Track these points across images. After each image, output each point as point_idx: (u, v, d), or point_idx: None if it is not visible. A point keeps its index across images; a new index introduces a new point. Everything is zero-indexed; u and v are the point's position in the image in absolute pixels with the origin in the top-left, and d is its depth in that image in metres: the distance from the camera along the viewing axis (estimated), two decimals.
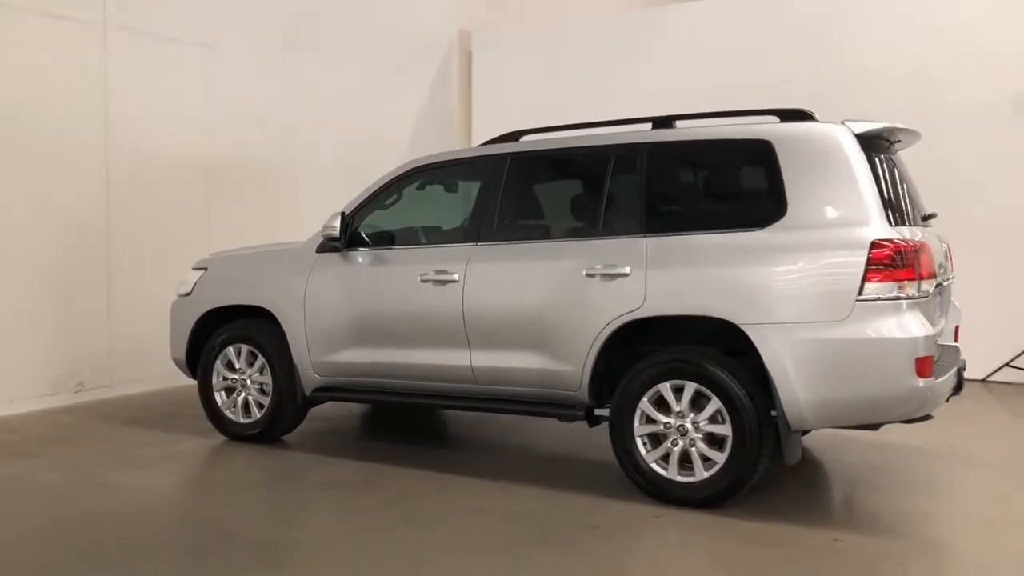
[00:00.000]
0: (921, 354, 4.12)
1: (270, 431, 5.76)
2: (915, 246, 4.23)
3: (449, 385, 5.20)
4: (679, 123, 4.93)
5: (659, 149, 4.80)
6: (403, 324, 5.27)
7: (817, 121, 4.60)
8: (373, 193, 5.54)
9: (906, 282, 4.17)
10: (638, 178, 4.77)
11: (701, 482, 4.47)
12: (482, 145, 5.44)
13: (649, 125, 4.96)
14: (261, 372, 5.76)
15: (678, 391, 4.52)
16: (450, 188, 5.72)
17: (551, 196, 5.37)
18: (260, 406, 5.79)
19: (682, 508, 4.47)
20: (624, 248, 4.67)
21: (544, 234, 5.21)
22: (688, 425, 4.49)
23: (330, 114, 9.32)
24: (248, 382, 5.82)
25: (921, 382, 4.12)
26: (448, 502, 4.63)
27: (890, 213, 4.33)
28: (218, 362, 5.90)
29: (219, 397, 5.93)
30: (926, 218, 4.95)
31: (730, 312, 4.35)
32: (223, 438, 5.90)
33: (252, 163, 8.52)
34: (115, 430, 6.24)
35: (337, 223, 5.36)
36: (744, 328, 4.31)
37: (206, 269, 6.07)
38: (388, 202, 5.56)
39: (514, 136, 5.36)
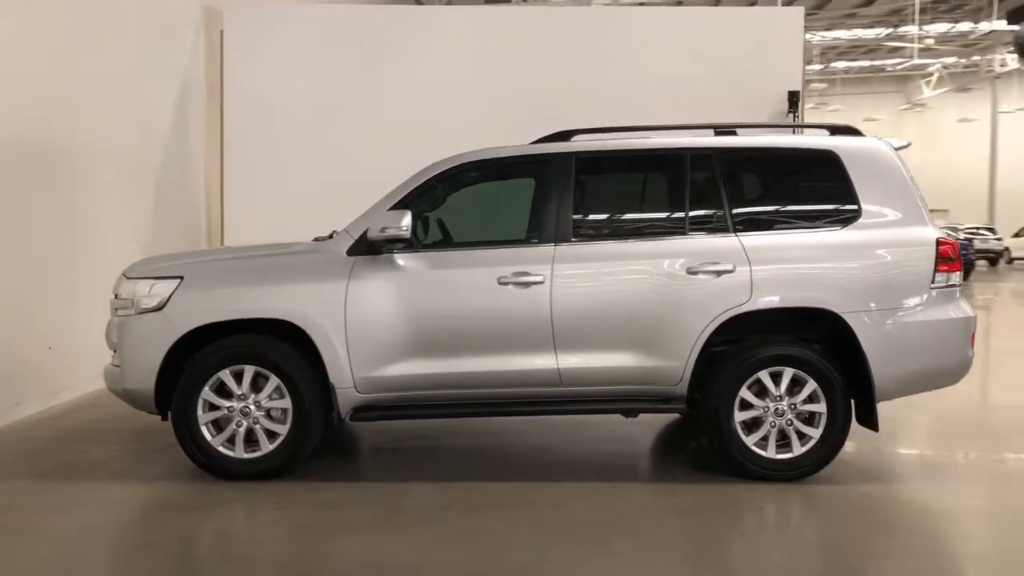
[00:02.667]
0: (974, 329, 5.10)
1: (291, 463, 4.96)
2: (957, 243, 5.19)
3: (529, 390, 5.02)
4: (740, 131, 5.34)
5: (734, 154, 5.18)
6: (478, 330, 4.94)
7: (864, 136, 5.34)
8: (416, 189, 5.07)
9: (956, 272, 5.11)
10: (719, 180, 5.10)
11: (798, 457, 4.98)
12: (534, 143, 5.28)
13: (711, 132, 5.30)
14: (272, 396, 4.92)
15: (775, 377, 4.97)
16: (502, 187, 5.42)
17: (628, 196, 5.42)
18: (272, 436, 4.94)
19: (783, 483, 4.93)
20: (722, 246, 4.97)
21: (631, 233, 5.25)
22: (784, 406, 4.96)
23: (100, 97, 7.83)
24: (252, 409, 4.92)
25: (971, 352, 5.11)
26: (605, 507, 4.57)
27: None
28: (206, 389, 4.90)
29: (206, 432, 4.92)
30: None
31: (833, 303, 4.92)
32: (208, 477, 4.92)
33: (25, 145, 6.85)
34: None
35: (406, 222, 4.81)
36: (844, 316, 4.91)
37: (182, 277, 4.96)
38: (434, 201, 5.12)
39: (567, 135, 5.30)
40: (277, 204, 9.56)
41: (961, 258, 5.17)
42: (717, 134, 5.32)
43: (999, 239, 34.48)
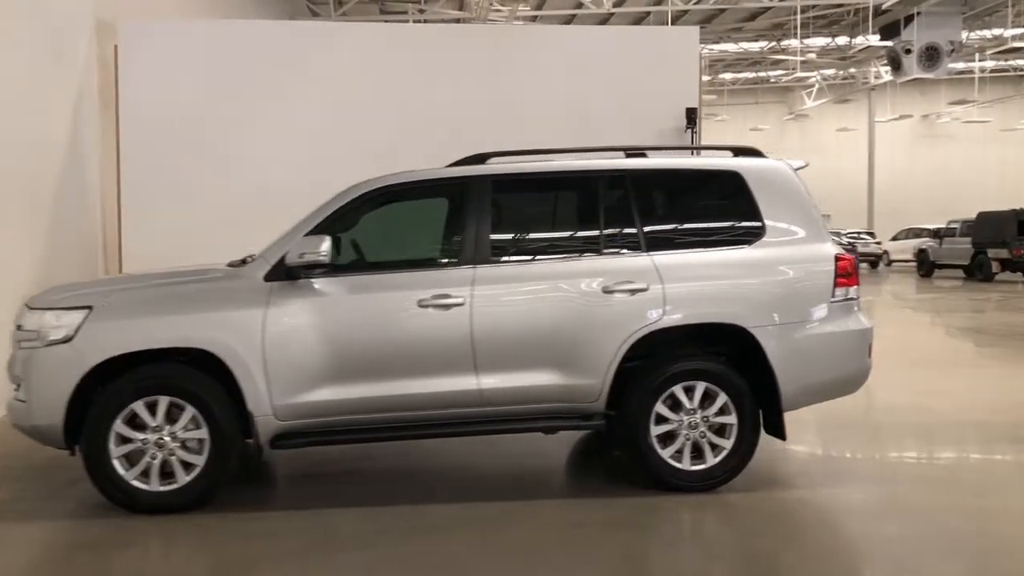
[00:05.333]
0: (871, 340, 5.39)
1: (208, 494, 4.86)
2: (855, 259, 5.48)
3: (451, 411, 5.05)
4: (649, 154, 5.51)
5: (646, 175, 5.34)
6: (399, 354, 4.95)
7: (765, 156, 5.58)
8: (334, 213, 5.05)
9: (854, 287, 5.39)
10: (632, 201, 5.25)
11: (712, 467, 5.16)
12: (450, 166, 5.32)
13: (622, 154, 5.45)
14: (187, 427, 4.81)
15: (688, 391, 5.14)
16: (422, 209, 5.43)
17: (545, 217, 5.51)
18: (188, 467, 4.83)
19: (705, 494, 5.10)
20: (636, 265, 5.12)
21: (549, 254, 5.32)
22: (698, 420, 5.14)
23: None
24: (167, 441, 4.81)
25: (868, 361, 5.39)
26: (544, 525, 4.64)
27: None
28: (118, 421, 4.76)
29: (119, 466, 4.78)
30: None
31: (741, 318, 5.12)
32: (116, 513, 4.78)
33: None
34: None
35: (325, 247, 4.79)
36: (752, 331, 5.12)
37: (90, 308, 4.81)
38: (350, 225, 5.11)
39: (482, 158, 5.36)
40: (176, 224, 9.34)
41: (857, 273, 5.45)
42: (628, 156, 5.47)
43: (878, 243, 36.18)
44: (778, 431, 5.29)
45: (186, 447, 4.84)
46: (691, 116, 9.84)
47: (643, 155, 5.50)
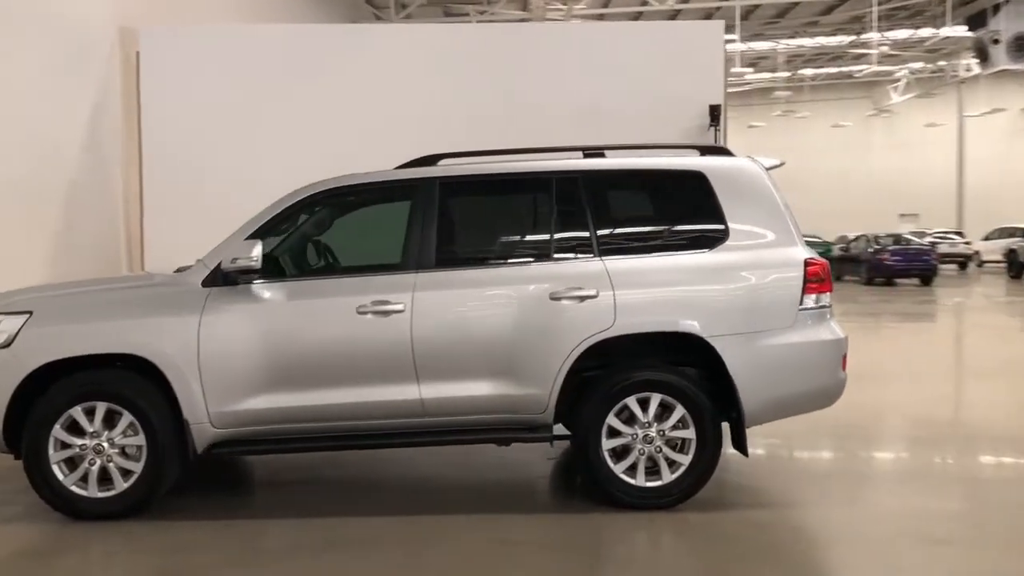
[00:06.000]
0: (845, 351, 5.02)
1: (145, 501, 4.82)
2: (827, 263, 5.12)
3: (393, 421, 4.90)
4: (608, 153, 5.26)
5: (600, 176, 5.09)
6: (336, 362, 4.83)
7: (734, 156, 5.27)
8: (274, 218, 4.97)
9: (826, 293, 5.03)
10: (586, 204, 5.01)
11: (668, 484, 4.88)
12: (400, 168, 5.18)
13: (580, 154, 5.21)
14: (126, 433, 4.78)
15: (643, 403, 4.87)
16: (368, 213, 5.31)
17: (494, 221, 5.32)
18: (126, 473, 4.80)
19: (656, 512, 4.82)
20: (587, 271, 4.88)
21: (495, 259, 5.14)
22: (654, 433, 4.86)
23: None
24: (105, 447, 4.79)
25: (843, 374, 5.02)
26: (468, 542, 4.45)
27: None
28: (56, 427, 4.76)
29: (58, 471, 4.78)
30: None
31: (697, 327, 4.83)
32: (60, 518, 4.77)
33: None
34: None
35: (256, 251, 4.71)
36: (710, 340, 4.82)
37: (30, 312, 4.83)
38: (293, 228, 5.02)
39: (432, 160, 5.21)
40: (199, 225, 9.39)
41: (829, 278, 5.08)
42: (585, 156, 5.23)
43: (968, 243, 34.57)
44: (741, 446, 4.98)
45: (125, 453, 4.81)
46: (714, 113, 9.46)
47: (601, 155, 5.25)
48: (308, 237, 5.18)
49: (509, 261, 5.10)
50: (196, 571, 4.19)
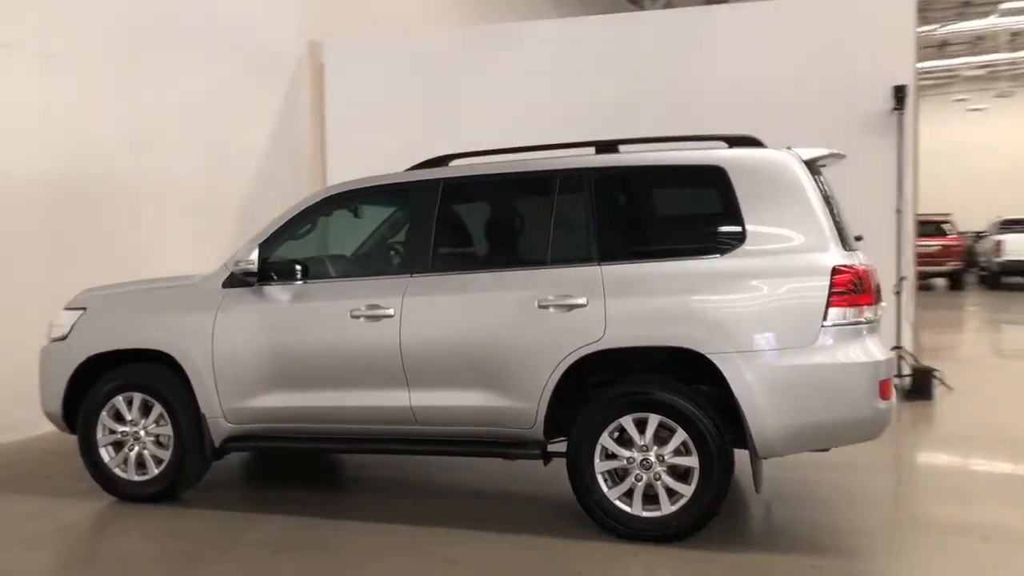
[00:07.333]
0: (883, 376, 4.23)
1: (173, 488, 5.16)
2: (869, 270, 4.33)
3: (386, 427, 4.85)
4: (623, 148, 4.82)
5: (609, 174, 4.68)
6: (333, 365, 4.86)
7: (765, 147, 4.62)
8: (288, 222, 5.09)
9: (864, 306, 4.25)
10: (588, 204, 4.62)
11: (667, 516, 4.38)
12: (409, 170, 5.12)
13: (592, 149, 4.83)
14: (158, 423, 5.15)
15: (640, 424, 4.41)
16: (371, 216, 5.34)
17: (494, 223, 5.12)
18: (158, 461, 5.17)
19: (651, 544, 4.35)
20: (580, 277, 4.50)
21: (488, 263, 4.94)
22: (652, 458, 4.38)
23: (180, 131, 8.57)
24: (142, 435, 5.18)
25: (883, 403, 4.22)
26: (417, 557, 4.29)
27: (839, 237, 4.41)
28: (104, 414, 5.22)
29: (105, 453, 5.24)
30: (856, 240, 5.09)
31: (696, 342, 4.28)
32: (110, 499, 5.22)
33: (99, 184, 7.67)
34: None
35: (255, 255, 4.88)
36: (711, 357, 4.26)
37: (84, 309, 5.35)
38: (304, 232, 5.12)
39: (443, 160, 5.08)
40: None
41: (870, 289, 4.28)
42: (598, 151, 4.82)
43: None
44: (754, 479, 4.37)
45: (159, 442, 5.18)
46: (900, 96, 8.34)
47: (615, 150, 4.81)
48: (310, 240, 5.23)
49: (503, 266, 4.82)
50: (165, 557, 4.45)
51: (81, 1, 7.54)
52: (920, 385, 8.24)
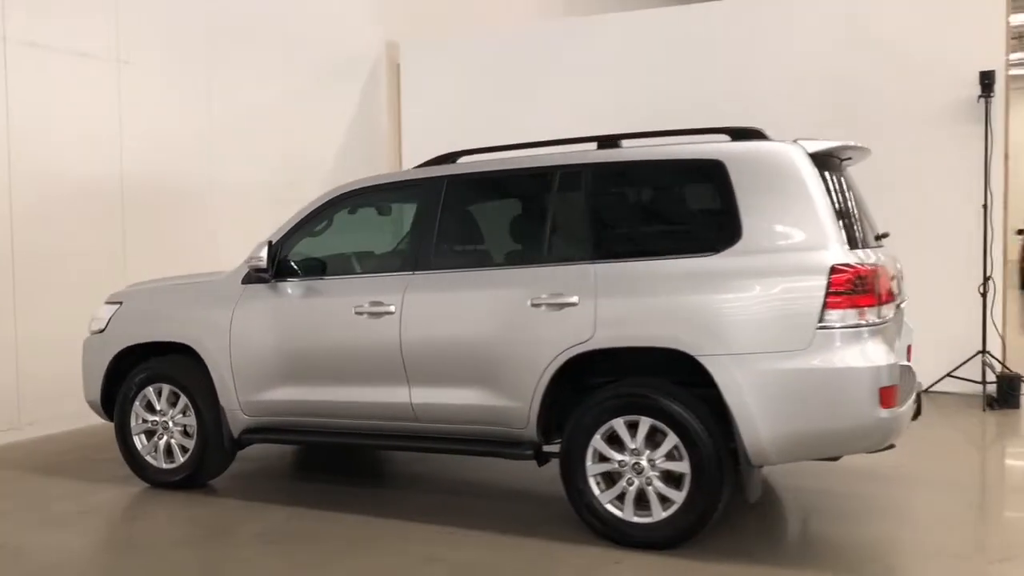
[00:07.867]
0: (884, 383, 3.95)
1: (196, 476, 5.36)
2: (875, 270, 4.06)
3: (389, 423, 4.89)
4: (625, 142, 4.69)
5: (606, 170, 4.56)
6: (337, 360, 4.93)
7: (770, 140, 4.40)
8: (302, 220, 5.20)
9: (866, 308, 3.99)
10: (585, 200, 4.53)
11: (658, 523, 4.24)
12: (417, 167, 5.14)
13: (594, 145, 4.71)
14: (184, 413, 5.35)
15: (632, 427, 4.28)
16: (384, 213, 5.40)
17: (492, 220, 5.08)
18: (184, 450, 5.38)
19: (640, 551, 4.22)
20: (573, 275, 4.41)
21: (486, 261, 4.92)
22: (644, 463, 4.25)
23: (253, 133, 8.88)
24: (170, 424, 5.40)
25: (884, 412, 3.95)
26: (398, 553, 4.30)
27: (846, 235, 4.15)
28: (136, 403, 5.47)
29: (138, 441, 5.49)
30: (879, 238, 4.80)
31: (685, 343, 4.12)
32: (144, 485, 5.47)
33: (171, 186, 8.04)
34: (25, 480, 5.75)
35: (264, 252, 5.01)
36: (700, 359, 4.09)
37: (121, 303, 5.63)
38: (318, 229, 5.22)
39: (451, 157, 5.07)
40: None
41: (874, 290, 4.00)
42: (600, 146, 4.70)
43: None
44: (746, 487, 4.17)
45: (186, 432, 5.38)
46: (987, 82, 7.80)
47: (616, 145, 4.68)
48: (323, 238, 5.30)
49: (501, 263, 4.78)
50: (158, 542, 4.62)
51: (157, 11, 7.90)
52: (1006, 392, 7.68)
